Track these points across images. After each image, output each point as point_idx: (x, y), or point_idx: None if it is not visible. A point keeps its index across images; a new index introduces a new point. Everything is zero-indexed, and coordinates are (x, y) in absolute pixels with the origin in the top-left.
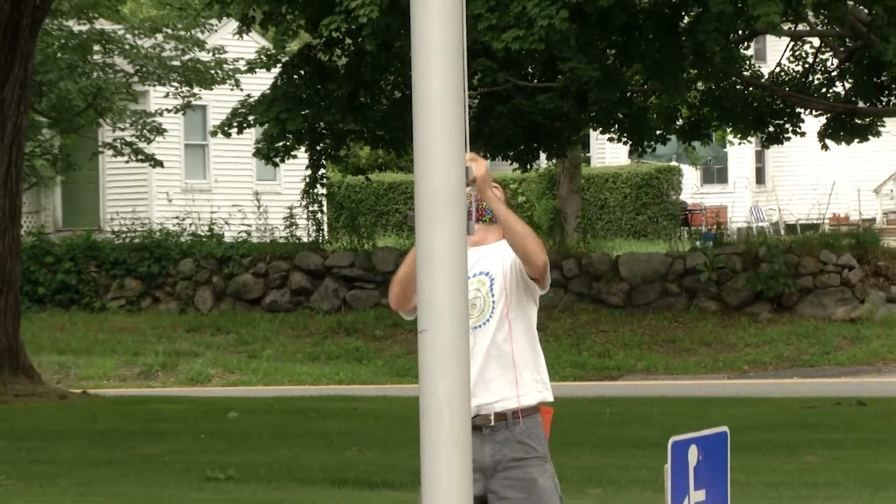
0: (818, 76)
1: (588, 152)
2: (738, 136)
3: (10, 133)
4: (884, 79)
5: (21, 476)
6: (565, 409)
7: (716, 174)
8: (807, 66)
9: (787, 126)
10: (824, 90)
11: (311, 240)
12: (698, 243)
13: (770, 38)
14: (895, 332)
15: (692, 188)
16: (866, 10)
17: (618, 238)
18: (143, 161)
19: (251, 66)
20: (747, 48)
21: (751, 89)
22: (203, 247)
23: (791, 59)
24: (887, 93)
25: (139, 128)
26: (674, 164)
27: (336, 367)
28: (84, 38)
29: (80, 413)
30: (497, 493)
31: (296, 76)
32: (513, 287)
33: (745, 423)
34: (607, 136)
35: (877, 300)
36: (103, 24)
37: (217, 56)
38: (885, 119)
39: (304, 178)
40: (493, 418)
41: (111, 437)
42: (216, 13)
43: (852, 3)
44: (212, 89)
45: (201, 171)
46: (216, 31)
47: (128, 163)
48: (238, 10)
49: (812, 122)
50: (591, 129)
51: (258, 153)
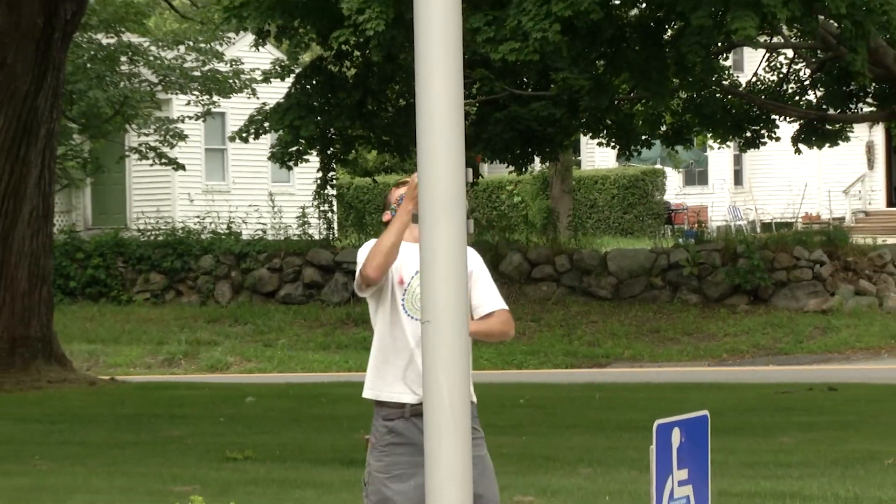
0: (792, 85)
1: (579, 156)
2: (718, 140)
3: (44, 138)
4: (852, 88)
5: (53, 457)
6: (558, 394)
7: (697, 176)
8: (781, 75)
9: (763, 132)
10: (797, 98)
11: (322, 237)
12: (681, 240)
13: (747, 50)
14: (863, 323)
15: (675, 189)
16: (836, 24)
17: (606, 235)
18: (166, 164)
19: (266, 77)
20: (726, 59)
21: (729, 97)
22: (222, 244)
23: (767, 69)
24: (856, 101)
25: (163, 133)
26: (658, 166)
27: (345, 356)
28: (112, 50)
29: (108, 398)
30: None
31: (308, 86)
32: None
33: (724, 408)
34: (597, 140)
35: (846, 293)
36: (130, 37)
37: (235, 67)
38: (853, 125)
39: (316, 180)
40: None
41: (137, 421)
42: (234, 27)
43: (823, 17)
44: (230, 98)
45: (220, 174)
46: (234, 43)
47: (152, 166)
48: (254, 24)
49: (786, 128)
50: (581, 135)
51: (273, 157)
